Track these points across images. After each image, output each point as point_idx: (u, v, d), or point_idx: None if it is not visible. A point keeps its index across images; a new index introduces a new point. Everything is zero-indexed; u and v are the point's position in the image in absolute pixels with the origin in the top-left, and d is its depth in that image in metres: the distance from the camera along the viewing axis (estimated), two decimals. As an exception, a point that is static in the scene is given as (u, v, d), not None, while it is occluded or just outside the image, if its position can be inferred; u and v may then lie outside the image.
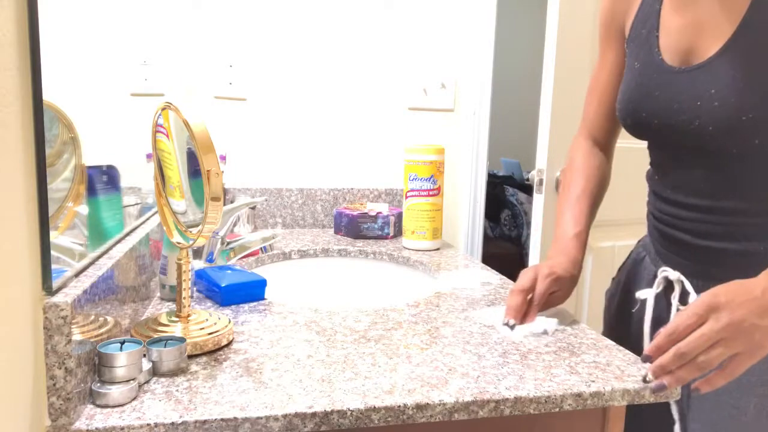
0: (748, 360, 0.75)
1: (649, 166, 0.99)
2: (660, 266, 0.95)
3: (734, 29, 0.80)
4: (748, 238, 0.85)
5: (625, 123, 0.96)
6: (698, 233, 0.89)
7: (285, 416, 0.67)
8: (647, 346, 0.94)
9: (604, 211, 1.09)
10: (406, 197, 1.54)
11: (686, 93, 0.85)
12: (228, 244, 1.32)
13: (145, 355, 0.76)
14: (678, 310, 0.91)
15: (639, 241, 1.07)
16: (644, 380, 0.77)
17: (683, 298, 0.90)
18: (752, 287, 0.75)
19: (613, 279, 1.13)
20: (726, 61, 0.81)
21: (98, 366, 0.71)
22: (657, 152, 0.96)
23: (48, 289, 0.63)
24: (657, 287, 0.94)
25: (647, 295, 0.95)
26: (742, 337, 0.73)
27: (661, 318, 0.93)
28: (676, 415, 0.93)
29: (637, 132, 0.95)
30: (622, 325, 1.05)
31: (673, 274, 0.92)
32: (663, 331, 0.76)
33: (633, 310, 1.00)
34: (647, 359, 0.78)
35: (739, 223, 0.86)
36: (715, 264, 0.89)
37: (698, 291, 0.88)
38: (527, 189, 3.69)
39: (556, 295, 0.97)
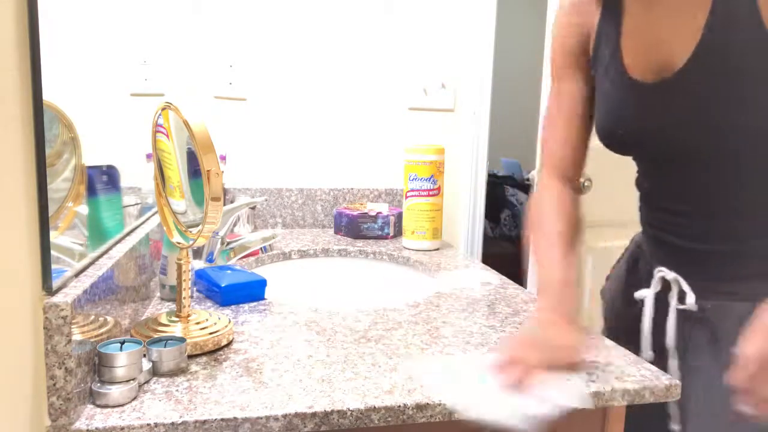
0: None
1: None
2: (656, 266, 0.95)
3: (697, 41, 0.79)
4: (734, 239, 0.86)
5: (605, 143, 0.94)
6: (686, 236, 0.90)
7: (285, 416, 0.67)
8: (646, 345, 0.95)
9: (604, 211, 1.08)
10: (406, 197, 1.54)
11: (657, 106, 0.85)
12: (228, 244, 1.32)
13: (145, 355, 0.76)
14: (677, 310, 0.91)
15: (633, 239, 1.07)
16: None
17: (681, 298, 0.91)
18: None
19: (608, 277, 1.12)
20: (693, 72, 0.80)
21: (98, 366, 0.71)
22: (639, 163, 0.97)
23: (48, 289, 0.63)
24: (654, 288, 0.95)
25: (646, 295, 0.96)
26: None
27: (658, 318, 0.94)
28: (675, 414, 0.93)
29: (617, 149, 0.94)
30: (621, 323, 1.05)
31: (670, 275, 0.92)
32: (739, 371, 0.76)
33: (636, 311, 0.99)
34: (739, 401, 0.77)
35: (723, 225, 0.86)
36: (707, 265, 0.89)
37: (695, 291, 0.89)
38: (527, 189, 3.68)
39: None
